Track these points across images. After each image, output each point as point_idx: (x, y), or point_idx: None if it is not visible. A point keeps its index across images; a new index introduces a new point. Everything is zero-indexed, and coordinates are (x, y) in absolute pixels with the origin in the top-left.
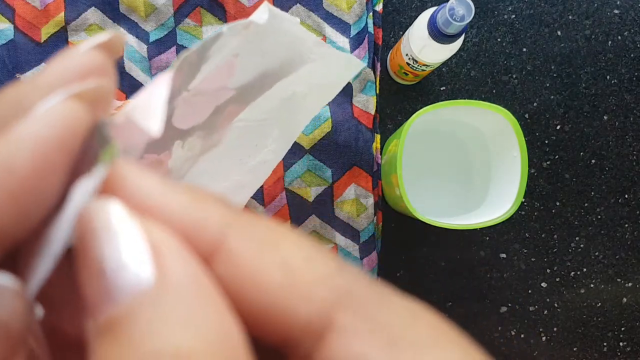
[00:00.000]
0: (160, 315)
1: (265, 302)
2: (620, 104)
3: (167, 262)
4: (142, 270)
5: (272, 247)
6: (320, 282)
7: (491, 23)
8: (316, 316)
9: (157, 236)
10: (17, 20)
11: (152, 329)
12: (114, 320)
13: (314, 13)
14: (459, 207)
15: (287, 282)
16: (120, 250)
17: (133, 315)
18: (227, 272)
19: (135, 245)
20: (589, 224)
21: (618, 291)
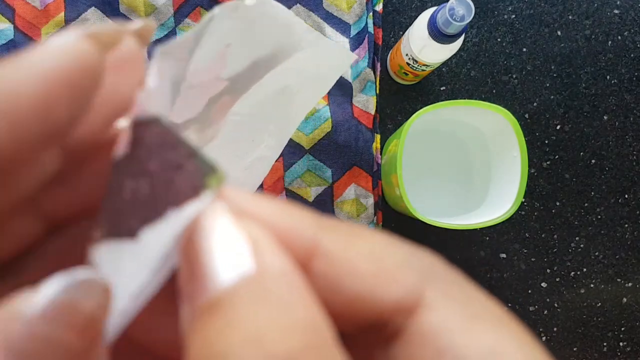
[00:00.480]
0: (259, 299)
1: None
2: (620, 104)
3: (266, 255)
4: (243, 260)
5: (357, 243)
6: (404, 266)
7: (491, 23)
8: (407, 295)
9: (256, 233)
10: (17, 20)
11: (252, 310)
12: (215, 302)
13: (314, 13)
14: (459, 207)
15: (377, 269)
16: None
17: (235, 297)
18: (325, 270)
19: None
20: (589, 224)
21: (618, 291)
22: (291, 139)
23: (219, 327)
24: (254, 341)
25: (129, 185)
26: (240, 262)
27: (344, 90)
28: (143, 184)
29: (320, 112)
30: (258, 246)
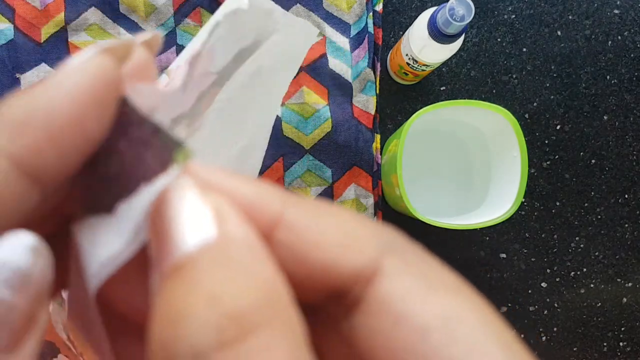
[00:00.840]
0: (220, 262)
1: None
2: (620, 104)
3: (228, 223)
4: (206, 228)
5: (320, 216)
6: (369, 237)
7: (491, 23)
8: (366, 264)
9: (220, 203)
10: (17, 20)
11: (213, 272)
12: (179, 265)
13: (314, 13)
14: (459, 207)
15: (338, 240)
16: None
17: (197, 261)
18: (288, 240)
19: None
20: (589, 224)
21: (618, 291)
22: (291, 139)
23: (180, 288)
24: (209, 299)
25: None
26: (203, 230)
27: (344, 90)
28: (114, 162)
29: (320, 112)
30: (221, 215)
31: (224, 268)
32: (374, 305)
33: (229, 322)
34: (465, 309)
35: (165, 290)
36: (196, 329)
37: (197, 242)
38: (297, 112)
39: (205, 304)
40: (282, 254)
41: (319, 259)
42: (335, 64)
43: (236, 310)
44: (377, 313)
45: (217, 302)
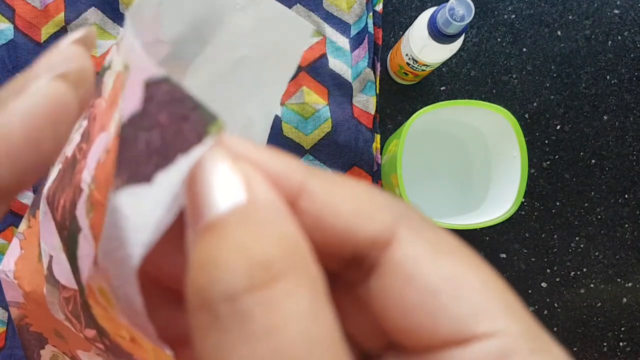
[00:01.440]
0: (249, 220)
1: (342, 225)
2: (620, 104)
3: (256, 189)
4: (237, 193)
5: (340, 187)
6: (383, 207)
7: (491, 23)
8: (382, 231)
9: (249, 172)
10: (17, 21)
11: (242, 228)
12: (212, 223)
13: (314, 13)
14: (459, 207)
15: (357, 209)
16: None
17: (228, 219)
18: (311, 207)
19: (232, 176)
20: (588, 224)
21: (618, 291)
22: (291, 139)
23: (213, 241)
24: (239, 250)
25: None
26: (234, 194)
27: (344, 90)
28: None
29: (320, 112)
30: (249, 182)
31: (253, 224)
32: (388, 268)
33: (257, 268)
34: (471, 272)
35: (199, 244)
36: (228, 274)
37: (229, 204)
38: (297, 112)
39: (236, 253)
40: (304, 221)
41: (339, 226)
42: (335, 64)
43: (263, 259)
44: (391, 274)
45: (247, 251)
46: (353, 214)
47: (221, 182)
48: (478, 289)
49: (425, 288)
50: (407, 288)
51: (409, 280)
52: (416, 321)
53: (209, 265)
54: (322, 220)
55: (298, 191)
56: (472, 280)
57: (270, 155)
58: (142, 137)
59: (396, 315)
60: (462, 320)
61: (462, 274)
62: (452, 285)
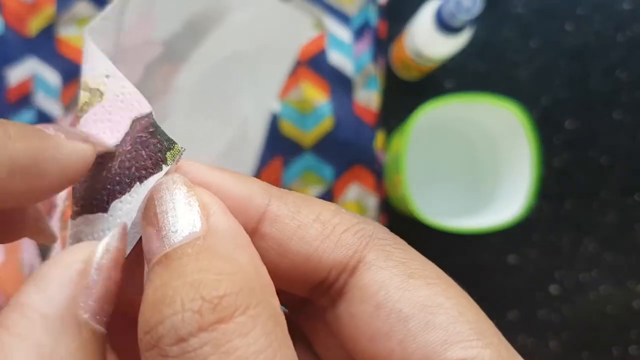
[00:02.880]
0: (204, 252)
1: (307, 250)
2: (631, 100)
3: (213, 217)
4: (193, 222)
5: (308, 208)
6: (349, 230)
7: (499, 16)
8: (349, 256)
9: (206, 198)
10: (6, 14)
11: (196, 261)
12: (168, 255)
13: (315, 5)
14: (466, 209)
15: (324, 232)
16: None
17: (184, 250)
18: (274, 233)
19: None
20: (599, 225)
21: (628, 295)
22: (290, 137)
23: (165, 276)
24: (190, 286)
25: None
26: (190, 222)
27: (345, 85)
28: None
29: (321, 109)
30: (207, 210)
31: (207, 257)
32: (356, 294)
33: (209, 306)
34: (442, 296)
35: (151, 278)
36: (179, 313)
37: (185, 234)
38: (296, 108)
39: (187, 289)
40: (268, 246)
41: (302, 251)
42: (336, 58)
43: (216, 296)
44: (360, 301)
45: (198, 287)
46: (319, 238)
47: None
48: (449, 315)
49: (394, 315)
50: (376, 315)
51: (378, 306)
52: (385, 348)
53: (160, 303)
54: (287, 245)
55: (262, 215)
56: (443, 305)
57: (233, 179)
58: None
59: (365, 342)
60: (432, 348)
61: (432, 298)
62: (422, 311)
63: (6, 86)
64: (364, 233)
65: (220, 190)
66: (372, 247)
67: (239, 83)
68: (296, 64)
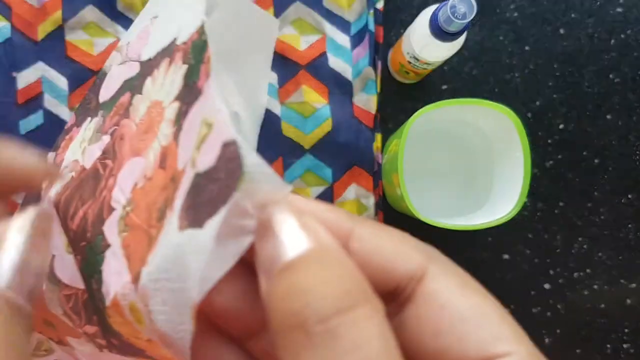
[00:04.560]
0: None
1: (385, 263)
2: (623, 103)
3: (321, 236)
4: (304, 241)
5: (381, 231)
6: (414, 248)
7: (493, 21)
8: (417, 268)
9: (312, 223)
10: (14, 19)
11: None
12: (285, 267)
13: (314, 11)
14: (461, 208)
15: (397, 249)
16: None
17: (298, 263)
18: (360, 249)
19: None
20: (592, 224)
21: (622, 292)
22: (290, 138)
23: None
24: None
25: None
26: (301, 244)
27: (345, 89)
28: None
29: (320, 111)
30: (315, 232)
31: (326, 264)
32: (422, 299)
33: (341, 296)
34: (489, 304)
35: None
36: (319, 299)
37: (298, 251)
38: (296, 111)
39: (323, 284)
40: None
41: (383, 264)
42: (336, 63)
43: (345, 288)
44: (426, 304)
45: (330, 283)
46: (393, 253)
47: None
48: (496, 319)
49: (455, 316)
50: (440, 315)
51: (441, 309)
52: (447, 344)
53: (299, 294)
54: (369, 260)
55: (348, 236)
56: (491, 311)
57: (325, 208)
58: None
59: (429, 339)
60: (485, 343)
61: (483, 305)
62: (476, 314)
63: (15, 88)
64: (426, 252)
65: (318, 216)
66: (433, 262)
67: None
68: (297, 68)
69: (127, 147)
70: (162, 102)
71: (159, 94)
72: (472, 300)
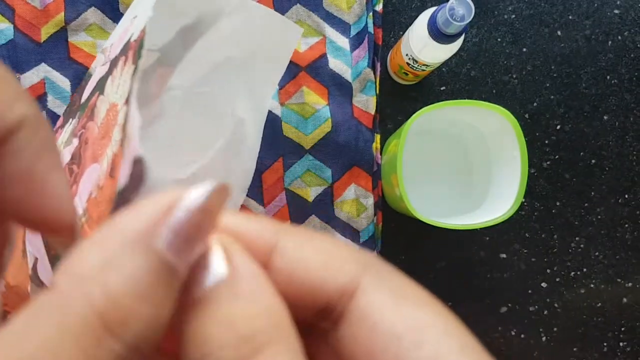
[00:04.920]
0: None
1: (311, 278)
2: (620, 104)
3: (236, 260)
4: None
5: (308, 242)
6: (348, 259)
7: (491, 23)
8: (348, 282)
9: (227, 242)
10: (17, 20)
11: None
12: (199, 298)
13: (314, 13)
14: (459, 207)
15: (326, 262)
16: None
17: (215, 294)
18: (283, 264)
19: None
20: (589, 224)
21: (618, 291)
22: (291, 139)
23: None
24: (226, 324)
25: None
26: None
27: (344, 90)
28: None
29: (320, 112)
30: (230, 254)
31: (236, 298)
32: (354, 316)
33: (242, 342)
34: (432, 319)
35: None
36: (218, 349)
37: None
38: (297, 112)
39: (224, 327)
40: (278, 277)
41: (309, 280)
42: (335, 64)
43: (248, 332)
44: (357, 323)
45: (233, 325)
46: (322, 267)
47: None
48: (438, 334)
49: (388, 334)
50: (373, 334)
51: (374, 327)
52: None
53: (199, 341)
54: (294, 276)
55: (270, 249)
56: (432, 325)
57: (243, 219)
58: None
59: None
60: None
61: (422, 319)
62: (413, 331)
63: None
64: (361, 262)
65: (235, 229)
66: (367, 274)
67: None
68: (298, 69)
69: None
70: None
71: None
72: (409, 314)
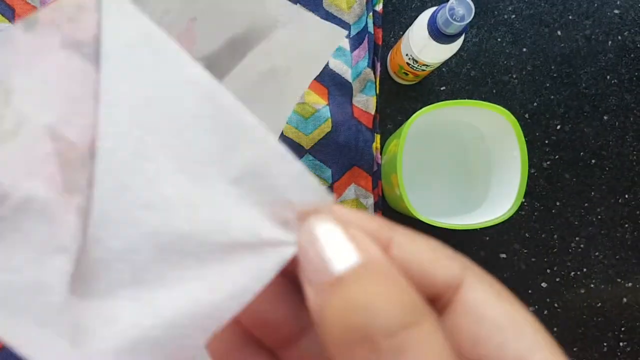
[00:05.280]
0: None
1: (423, 271)
2: (620, 104)
3: (368, 249)
4: (351, 254)
5: (418, 240)
6: (453, 258)
7: (491, 23)
8: (454, 277)
9: (358, 235)
10: (17, 20)
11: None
12: (336, 281)
13: (314, 13)
14: (459, 207)
15: (435, 258)
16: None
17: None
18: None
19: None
20: (589, 224)
21: (618, 291)
22: (291, 139)
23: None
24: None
25: None
26: (348, 256)
27: (344, 90)
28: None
29: (320, 112)
30: (362, 244)
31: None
32: (460, 307)
33: (407, 309)
34: (524, 316)
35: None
36: (385, 313)
37: (346, 264)
38: (297, 112)
39: (383, 299)
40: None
41: (421, 271)
42: (336, 64)
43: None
44: (463, 314)
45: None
46: (432, 261)
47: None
48: (531, 329)
49: (493, 325)
50: (478, 324)
51: (480, 318)
52: (485, 353)
53: (360, 309)
54: (409, 267)
55: (388, 244)
56: (526, 322)
57: (365, 217)
58: None
59: (468, 348)
60: (522, 353)
61: (521, 315)
62: (514, 324)
63: None
64: (462, 262)
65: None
66: (469, 272)
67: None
68: None
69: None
70: None
71: None
72: (508, 310)
